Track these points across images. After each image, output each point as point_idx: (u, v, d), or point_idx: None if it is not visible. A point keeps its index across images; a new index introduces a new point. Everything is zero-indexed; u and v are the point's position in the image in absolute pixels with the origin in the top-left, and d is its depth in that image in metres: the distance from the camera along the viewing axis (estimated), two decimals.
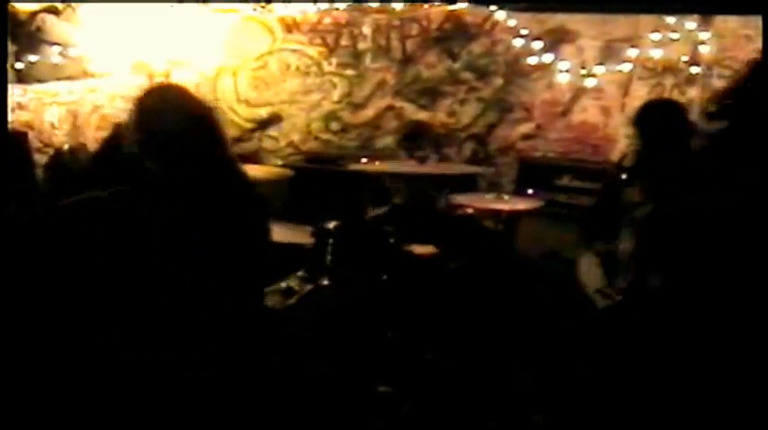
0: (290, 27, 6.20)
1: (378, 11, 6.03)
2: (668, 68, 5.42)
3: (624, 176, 3.34)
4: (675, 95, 5.30)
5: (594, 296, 3.29)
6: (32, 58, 5.61)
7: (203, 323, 1.42)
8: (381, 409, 3.33)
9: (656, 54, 5.35)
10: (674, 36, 5.30)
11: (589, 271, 3.39)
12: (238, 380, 1.97)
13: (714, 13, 5.20)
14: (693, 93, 5.29)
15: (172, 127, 2.26)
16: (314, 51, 6.21)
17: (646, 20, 5.46)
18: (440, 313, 3.87)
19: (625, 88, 5.59)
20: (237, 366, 1.40)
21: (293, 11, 6.09)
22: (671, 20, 5.33)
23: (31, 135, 5.17)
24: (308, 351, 3.32)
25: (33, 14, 5.78)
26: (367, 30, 6.12)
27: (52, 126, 5.56)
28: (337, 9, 6.02)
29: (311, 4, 6.01)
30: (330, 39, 6.18)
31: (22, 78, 5.58)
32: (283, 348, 3.29)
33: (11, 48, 5.69)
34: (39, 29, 5.80)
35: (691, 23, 5.26)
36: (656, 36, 5.34)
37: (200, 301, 1.50)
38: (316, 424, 3.14)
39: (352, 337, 3.46)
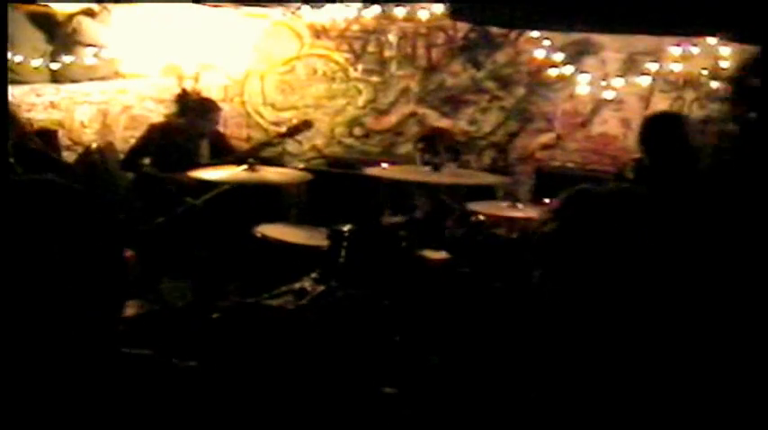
0: (319, 33, 6.30)
1: (405, 19, 6.10)
2: (689, 82, 5.43)
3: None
4: (695, 109, 5.31)
5: None
6: (67, 58, 5.80)
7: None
8: (384, 411, 3.40)
9: (677, 68, 5.37)
10: (695, 50, 5.31)
11: None
12: (239, 378, 2.04)
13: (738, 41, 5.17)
14: (714, 107, 5.29)
15: None
16: (340, 57, 6.30)
17: None
18: (449, 318, 3.92)
19: (646, 101, 5.60)
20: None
21: (322, 17, 6.20)
22: None
23: (61, 133, 5.36)
24: (314, 351, 3.40)
25: (71, 17, 5.97)
26: (393, 37, 6.20)
27: (82, 125, 5.75)
28: (364, 17, 6.10)
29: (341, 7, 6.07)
30: (357, 45, 6.27)
31: (56, 78, 5.78)
32: (290, 347, 3.38)
33: (48, 48, 5.89)
34: (75, 30, 5.98)
35: (711, 39, 5.27)
36: (677, 50, 5.36)
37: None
38: (317, 424, 3.22)
39: (359, 339, 3.53)
